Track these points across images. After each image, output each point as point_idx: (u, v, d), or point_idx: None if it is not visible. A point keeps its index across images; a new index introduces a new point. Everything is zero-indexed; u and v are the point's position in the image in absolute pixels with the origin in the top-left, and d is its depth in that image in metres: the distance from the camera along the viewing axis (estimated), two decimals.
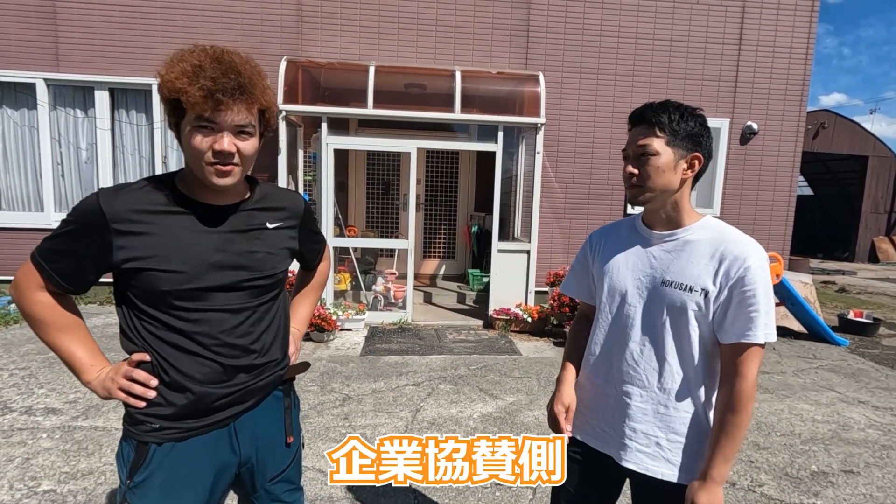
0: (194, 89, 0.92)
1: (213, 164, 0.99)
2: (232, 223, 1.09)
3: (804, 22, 6.27)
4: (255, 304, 1.13)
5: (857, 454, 2.94)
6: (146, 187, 1.05)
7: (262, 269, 1.12)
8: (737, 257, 1.11)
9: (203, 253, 1.04)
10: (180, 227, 1.04)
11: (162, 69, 0.96)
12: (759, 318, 1.09)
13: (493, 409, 3.37)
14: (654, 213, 1.22)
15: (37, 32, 5.51)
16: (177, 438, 1.07)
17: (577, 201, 6.24)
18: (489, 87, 6.03)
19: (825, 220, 16.78)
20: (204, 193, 1.07)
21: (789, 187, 6.54)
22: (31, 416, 3.01)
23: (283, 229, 1.19)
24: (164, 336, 1.05)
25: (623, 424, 1.23)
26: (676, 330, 1.17)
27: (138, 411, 1.05)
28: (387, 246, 6.55)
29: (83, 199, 1.01)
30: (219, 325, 1.07)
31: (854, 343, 5.44)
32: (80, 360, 1.06)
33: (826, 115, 14.09)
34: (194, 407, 1.07)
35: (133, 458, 1.06)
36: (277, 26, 5.73)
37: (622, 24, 6.05)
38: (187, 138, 0.98)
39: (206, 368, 1.07)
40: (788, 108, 6.40)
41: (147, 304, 1.04)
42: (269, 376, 1.18)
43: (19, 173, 5.82)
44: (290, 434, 1.25)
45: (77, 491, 2.31)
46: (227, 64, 0.96)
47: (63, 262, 1.02)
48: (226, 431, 1.13)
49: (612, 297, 1.26)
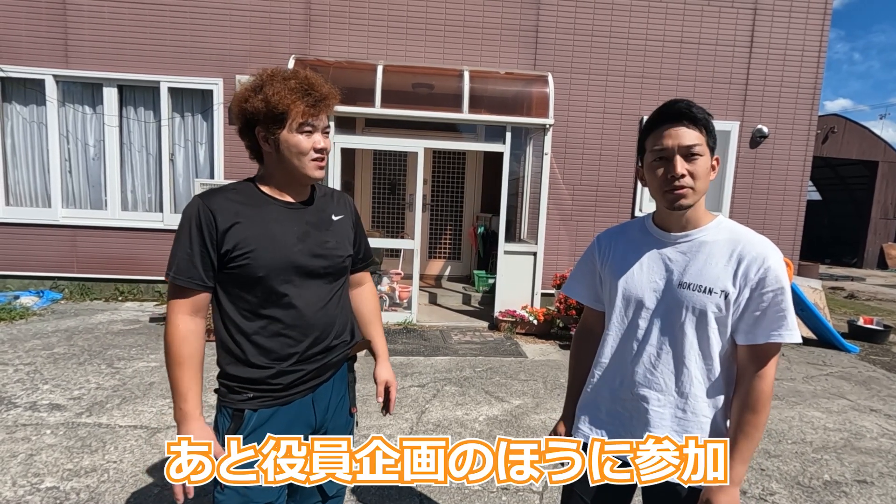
0: (304, 101, 1.17)
1: (315, 159, 1.22)
2: (306, 217, 1.28)
3: (816, 24, 6.20)
4: (331, 288, 1.31)
5: (870, 463, 2.89)
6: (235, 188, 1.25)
7: (334, 257, 1.30)
8: (756, 257, 1.09)
9: (289, 244, 1.22)
10: (272, 220, 1.22)
11: (268, 89, 1.16)
12: (786, 317, 1.07)
13: (498, 412, 3.34)
14: (673, 215, 1.17)
15: (47, 29, 5.53)
16: (267, 405, 1.22)
17: (584, 203, 6.20)
18: (497, 88, 6.00)
19: (833, 225, 16.64)
20: (280, 193, 1.26)
21: (799, 192, 6.47)
22: (35, 412, 3.00)
23: (345, 220, 1.38)
24: (255, 318, 1.20)
25: (641, 430, 1.20)
26: (695, 332, 1.14)
27: (234, 382, 1.21)
28: (392, 246, 6.52)
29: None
30: (303, 308, 1.23)
31: (864, 350, 5.37)
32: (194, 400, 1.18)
33: (836, 119, 13.97)
34: (282, 380, 1.23)
35: (231, 424, 1.21)
36: (286, 25, 5.72)
37: (632, 25, 6.01)
38: (291, 141, 1.18)
39: (291, 348, 1.23)
40: (799, 111, 6.33)
41: (242, 290, 1.20)
42: (340, 354, 1.35)
43: (27, 169, 5.84)
44: (353, 404, 1.44)
45: (80, 488, 2.29)
46: (314, 79, 1.22)
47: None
48: (308, 400, 1.29)
49: (628, 301, 1.22)
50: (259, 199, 1.23)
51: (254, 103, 1.17)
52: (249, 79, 1.23)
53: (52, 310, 5.28)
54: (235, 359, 1.21)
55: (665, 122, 1.12)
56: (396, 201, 7.63)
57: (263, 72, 1.21)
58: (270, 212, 1.23)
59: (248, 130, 1.22)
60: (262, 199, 1.24)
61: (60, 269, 5.81)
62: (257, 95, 1.17)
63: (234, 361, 1.22)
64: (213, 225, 1.15)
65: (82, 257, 5.82)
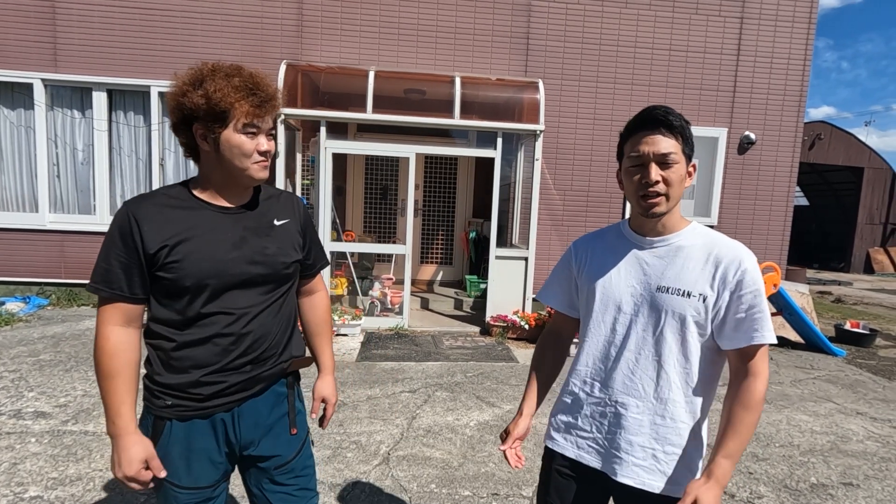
0: (248, 101, 1.11)
1: (258, 161, 1.15)
2: (244, 222, 1.21)
3: (802, 33, 6.32)
4: (269, 297, 1.23)
5: (856, 466, 2.92)
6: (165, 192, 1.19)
7: (275, 264, 1.23)
8: (732, 260, 1.11)
9: (221, 251, 1.16)
10: (204, 228, 1.16)
11: (209, 85, 1.09)
12: (763, 318, 1.09)
13: (489, 417, 3.34)
14: (649, 220, 1.17)
15: (35, 32, 5.49)
16: (186, 417, 1.17)
17: (575, 208, 6.24)
18: (489, 94, 6.04)
19: (821, 230, 16.86)
20: (215, 196, 1.19)
21: (786, 197, 6.56)
22: (19, 420, 2.96)
23: (290, 224, 1.30)
24: (181, 325, 1.15)
25: (619, 437, 1.19)
26: (675, 336, 1.14)
27: (156, 386, 1.16)
28: (384, 251, 6.52)
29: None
30: (232, 317, 1.17)
31: (851, 354, 5.43)
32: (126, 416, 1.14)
33: (822, 126, 14.19)
34: (204, 391, 1.17)
35: (152, 430, 1.18)
36: (278, 30, 5.73)
37: (621, 32, 6.08)
38: (233, 141, 1.12)
39: (217, 357, 1.16)
40: (786, 118, 6.43)
41: (170, 298, 1.14)
42: (273, 367, 1.27)
43: (14, 174, 5.77)
44: (293, 426, 1.32)
45: (65, 497, 2.26)
46: (260, 78, 1.16)
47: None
48: (229, 415, 1.21)
49: (606, 306, 1.22)
50: (191, 204, 1.16)
51: (193, 98, 1.09)
52: (186, 71, 1.15)
53: (38, 316, 5.21)
54: (161, 363, 1.16)
55: (642, 129, 1.13)
56: (388, 206, 7.63)
57: (204, 65, 1.14)
58: (203, 218, 1.16)
59: (184, 127, 1.14)
60: (195, 205, 1.17)
61: (47, 275, 5.74)
62: (196, 90, 1.09)
63: (159, 365, 1.17)
64: (138, 234, 1.09)
65: (70, 263, 5.75)
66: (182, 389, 1.16)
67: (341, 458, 2.71)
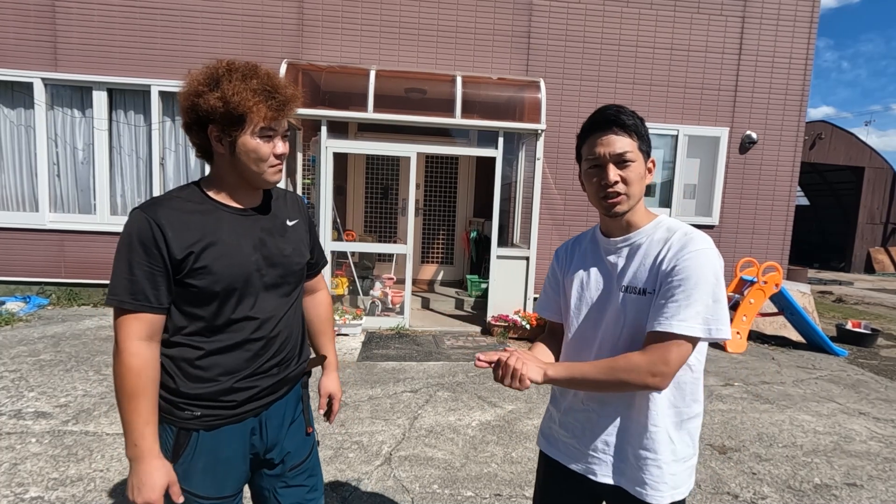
0: (267, 105, 1.08)
1: (274, 165, 1.14)
2: (261, 224, 1.19)
3: (803, 32, 6.30)
4: (289, 298, 1.24)
5: (859, 467, 2.91)
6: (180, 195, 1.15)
7: (292, 265, 1.23)
8: (677, 250, 1.07)
9: (245, 254, 1.14)
10: (225, 230, 1.13)
11: (227, 87, 1.05)
12: (680, 307, 1.02)
13: (491, 417, 3.32)
14: (613, 221, 1.17)
15: (35, 31, 5.48)
16: (216, 426, 1.13)
17: (576, 208, 6.23)
18: (490, 93, 6.02)
19: (821, 230, 16.84)
20: (230, 198, 1.16)
21: (788, 197, 6.55)
22: (20, 420, 2.94)
23: (300, 224, 1.30)
24: (208, 332, 1.11)
25: (591, 439, 1.18)
26: (636, 337, 1.11)
27: (179, 399, 1.11)
28: (385, 251, 6.51)
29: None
30: (262, 321, 1.16)
31: (853, 353, 5.42)
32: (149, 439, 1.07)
33: (823, 125, 14.17)
34: (237, 397, 1.14)
35: (174, 443, 1.12)
36: (278, 29, 5.71)
37: (623, 32, 6.07)
38: (249, 145, 1.09)
39: (248, 363, 1.15)
40: (787, 117, 6.42)
41: (195, 306, 1.10)
42: (297, 368, 1.28)
43: (15, 173, 5.76)
44: (309, 425, 1.34)
45: (66, 498, 2.25)
46: (278, 80, 1.13)
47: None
48: (258, 419, 1.20)
49: (579, 311, 1.22)
50: (208, 206, 1.12)
51: (209, 100, 1.04)
52: (200, 70, 1.09)
53: (38, 315, 5.20)
54: (183, 373, 1.10)
55: (596, 130, 1.12)
56: (389, 206, 7.62)
57: (219, 63, 1.09)
58: (223, 221, 1.12)
59: (197, 128, 1.10)
60: (212, 207, 1.12)
61: (47, 275, 5.73)
62: (213, 92, 1.05)
63: (180, 377, 1.10)
64: (163, 240, 1.03)
65: (70, 262, 5.74)
66: (213, 398, 1.12)
67: (343, 458, 2.70)
